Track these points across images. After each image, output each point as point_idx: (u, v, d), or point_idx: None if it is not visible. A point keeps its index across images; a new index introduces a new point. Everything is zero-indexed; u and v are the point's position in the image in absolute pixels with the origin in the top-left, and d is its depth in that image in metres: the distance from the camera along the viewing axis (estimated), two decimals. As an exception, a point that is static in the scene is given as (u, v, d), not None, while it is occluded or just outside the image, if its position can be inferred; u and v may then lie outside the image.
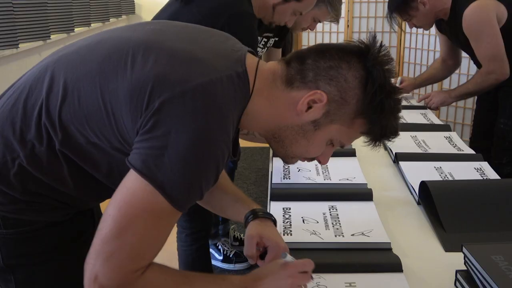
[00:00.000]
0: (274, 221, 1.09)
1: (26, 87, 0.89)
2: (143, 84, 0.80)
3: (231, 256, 2.48)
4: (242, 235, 2.66)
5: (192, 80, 0.80)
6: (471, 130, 2.58)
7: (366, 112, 0.90)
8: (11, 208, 0.91)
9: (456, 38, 2.19)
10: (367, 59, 0.89)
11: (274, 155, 1.60)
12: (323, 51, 0.91)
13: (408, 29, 4.08)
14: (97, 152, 0.86)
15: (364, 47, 0.90)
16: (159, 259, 1.39)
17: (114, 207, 0.77)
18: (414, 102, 2.34)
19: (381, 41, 0.92)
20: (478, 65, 2.17)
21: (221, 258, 2.48)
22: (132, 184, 0.77)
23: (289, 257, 0.94)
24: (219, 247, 2.51)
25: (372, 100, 0.89)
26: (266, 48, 2.00)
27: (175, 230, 1.90)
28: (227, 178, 1.15)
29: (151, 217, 0.77)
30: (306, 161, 1.01)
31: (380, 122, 0.92)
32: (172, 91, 0.78)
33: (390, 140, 0.98)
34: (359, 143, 1.74)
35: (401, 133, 1.81)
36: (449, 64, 2.44)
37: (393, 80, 2.23)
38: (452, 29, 2.17)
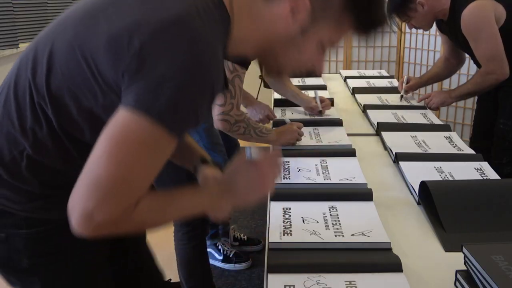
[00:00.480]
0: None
1: (12, 80, 0.90)
2: (119, 31, 0.79)
3: (231, 256, 2.48)
4: (242, 235, 2.66)
5: (167, 15, 0.78)
6: (471, 130, 2.58)
7: (352, 4, 0.88)
8: (31, 207, 0.92)
9: (455, 38, 2.19)
10: None
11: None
12: None
13: (408, 29, 4.08)
14: (91, 119, 0.86)
15: None
16: (159, 259, 1.39)
17: (107, 143, 0.75)
18: (414, 102, 2.34)
19: None
20: (478, 65, 2.17)
21: (221, 258, 2.49)
22: (124, 119, 0.75)
23: (253, 152, 0.96)
24: (219, 247, 2.51)
25: None
26: None
27: (173, 229, 1.90)
28: None
29: (148, 149, 0.76)
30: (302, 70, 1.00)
31: (368, 12, 0.90)
32: (150, 29, 0.77)
33: (379, 30, 0.95)
34: (359, 142, 1.74)
35: (401, 133, 1.83)
36: (452, 63, 2.43)
37: (400, 80, 2.17)
38: (451, 30, 2.17)
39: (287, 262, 1.01)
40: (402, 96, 2.38)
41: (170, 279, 2.26)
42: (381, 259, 1.02)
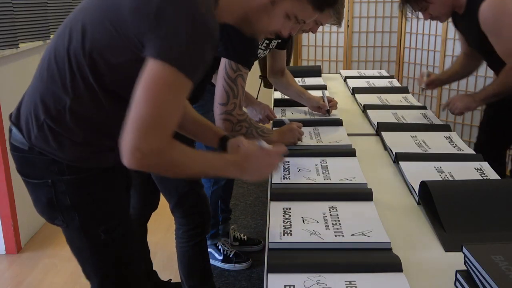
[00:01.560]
0: None
1: (52, 51, 1.15)
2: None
3: (231, 256, 2.49)
4: (242, 235, 2.66)
5: None
6: (477, 136, 2.41)
7: None
8: (73, 156, 1.16)
9: (469, 35, 2.06)
10: None
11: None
12: None
13: (408, 28, 4.08)
14: (115, 71, 1.07)
15: None
16: (160, 259, 1.41)
17: (142, 90, 0.99)
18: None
19: None
20: (493, 67, 2.06)
21: (221, 258, 2.49)
22: (152, 68, 0.99)
23: (264, 143, 1.25)
24: (219, 247, 2.51)
25: None
26: (268, 50, 2.01)
27: (173, 229, 1.90)
28: (193, 109, 1.45)
29: (173, 90, 1.01)
30: (272, 36, 1.35)
31: None
32: None
33: (333, 7, 1.31)
34: (359, 142, 1.74)
35: (401, 133, 1.83)
36: (472, 59, 2.27)
37: (420, 73, 2.21)
38: (466, 25, 2.04)
39: (287, 262, 1.01)
40: (423, 89, 2.36)
41: (171, 279, 2.27)
42: (381, 259, 1.02)
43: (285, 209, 1.24)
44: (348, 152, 1.62)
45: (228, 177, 1.20)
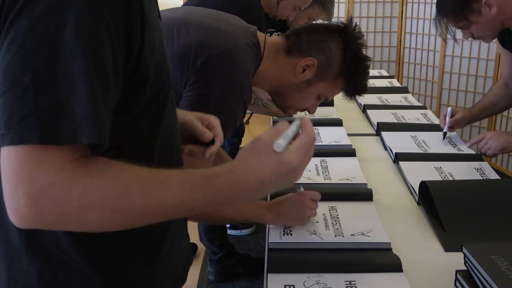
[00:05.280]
0: None
1: None
2: (188, 49, 1.12)
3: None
4: None
5: (223, 45, 1.13)
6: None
7: (345, 73, 1.26)
8: None
9: None
10: (345, 35, 1.24)
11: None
12: (313, 28, 1.28)
13: (408, 28, 4.08)
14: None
15: (343, 26, 1.25)
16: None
17: None
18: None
19: (356, 22, 1.27)
20: None
21: (228, 225, 2.62)
22: None
23: (302, 189, 1.20)
24: None
25: (349, 65, 1.25)
26: None
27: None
28: None
29: None
30: (299, 111, 1.40)
31: (354, 81, 1.29)
32: (210, 52, 1.11)
33: (361, 95, 1.36)
34: (359, 142, 1.73)
35: (401, 133, 1.83)
36: None
37: (443, 113, 1.85)
38: None
39: (287, 262, 1.01)
40: (445, 134, 1.76)
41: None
42: (381, 259, 1.02)
43: (285, 209, 1.23)
44: (348, 152, 1.62)
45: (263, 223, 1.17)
